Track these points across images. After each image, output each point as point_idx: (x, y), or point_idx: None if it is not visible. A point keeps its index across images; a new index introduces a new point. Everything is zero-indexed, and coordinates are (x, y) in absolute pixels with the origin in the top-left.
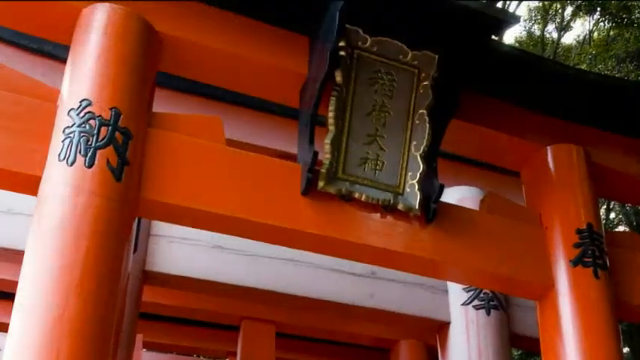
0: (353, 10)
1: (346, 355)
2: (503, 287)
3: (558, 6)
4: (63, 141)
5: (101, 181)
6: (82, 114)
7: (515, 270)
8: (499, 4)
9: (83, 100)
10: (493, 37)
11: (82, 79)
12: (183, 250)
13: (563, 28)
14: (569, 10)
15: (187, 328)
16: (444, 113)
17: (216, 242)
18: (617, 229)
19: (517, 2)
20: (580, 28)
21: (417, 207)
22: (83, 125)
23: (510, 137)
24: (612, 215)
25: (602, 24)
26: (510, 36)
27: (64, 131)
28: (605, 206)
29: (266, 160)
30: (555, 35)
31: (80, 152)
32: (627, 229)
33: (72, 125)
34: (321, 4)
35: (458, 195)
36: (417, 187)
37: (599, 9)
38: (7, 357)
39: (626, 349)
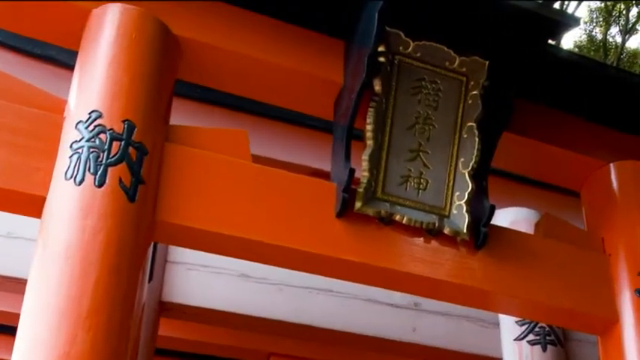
0: (393, 11)
1: None
2: (562, 320)
3: (622, 7)
4: (70, 157)
5: (113, 201)
6: (91, 127)
7: (574, 301)
8: (557, 5)
9: (93, 111)
10: (550, 41)
11: (91, 88)
12: (203, 279)
13: (628, 31)
14: (634, 11)
15: None
16: (495, 126)
17: (240, 270)
18: None
19: (577, 3)
20: None
21: (465, 231)
22: (93, 140)
23: (569, 153)
24: None
25: None
26: (569, 40)
27: (71, 146)
28: None
29: (296, 178)
30: (619, 39)
31: (89, 170)
32: None
33: (80, 140)
34: (358, 4)
35: (511, 217)
36: (465, 208)
37: None
38: None
39: None
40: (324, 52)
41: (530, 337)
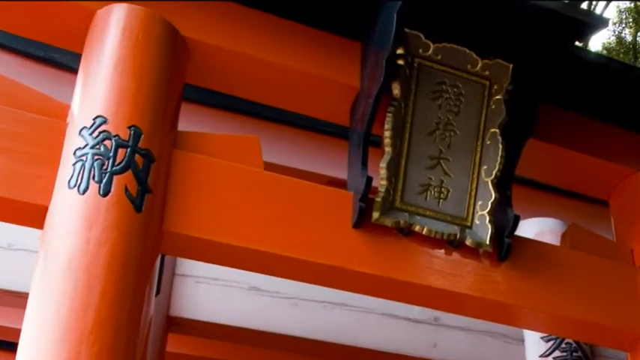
0: (413, 12)
1: None
2: (589, 336)
3: None
4: (73, 165)
5: (118, 211)
6: (95, 133)
7: (602, 316)
8: (584, 5)
9: (97, 117)
10: (577, 43)
11: (95, 93)
12: (213, 293)
13: None
14: None
15: None
16: (520, 132)
17: (251, 283)
18: None
19: (605, 3)
20: None
21: (487, 242)
22: (97, 146)
23: (597, 160)
24: None
25: None
26: (597, 42)
27: (74, 153)
28: None
29: (311, 187)
30: None
31: (94, 178)
32: None
33: (84, 146)
34: (376, 4)
35: (536, 228)
36: (487, 218)
37: None
38: None
39: None
40: (340, 55)
41: (557, 353)
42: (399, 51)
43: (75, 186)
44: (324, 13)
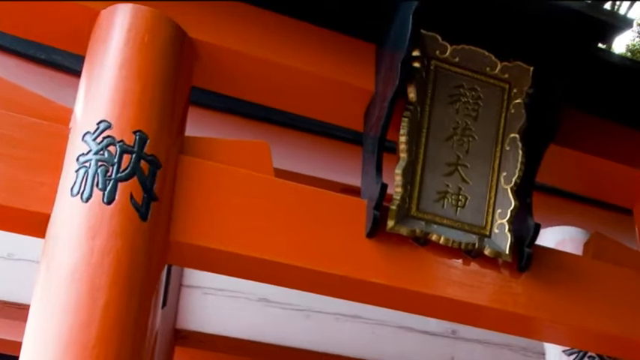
0: (429, 12)
1: None
2: (613, 349)
3: None
4: (76, 171)
5: (123, 220)
6: (99, 139)
7: (626, 328)
8: (607, 5)
9: (101, 121)
10: (600, 44)
11: (99, 96)
12: (221, 304)
13: None
14: None
15: None
16: (541, 137)
17: (261, 295)
18: None
19: (629, 3)
20: None
21: (507, 252)
22: (101, 152)
23: (621, 167)
24: None
25: None
26: (621, 43)
27: (77, 160)
28: None
29: (323, 194)
30: None
31: (97, 185)
32: None
33: (87, 152)
34: (391, 5)
35: (557, 237)
36: (507, 227)
37: None
38: None
39: None
40: (354, 57)
41: None
42: (415, 53)
43: (78, 193)
44: (337, 13)
